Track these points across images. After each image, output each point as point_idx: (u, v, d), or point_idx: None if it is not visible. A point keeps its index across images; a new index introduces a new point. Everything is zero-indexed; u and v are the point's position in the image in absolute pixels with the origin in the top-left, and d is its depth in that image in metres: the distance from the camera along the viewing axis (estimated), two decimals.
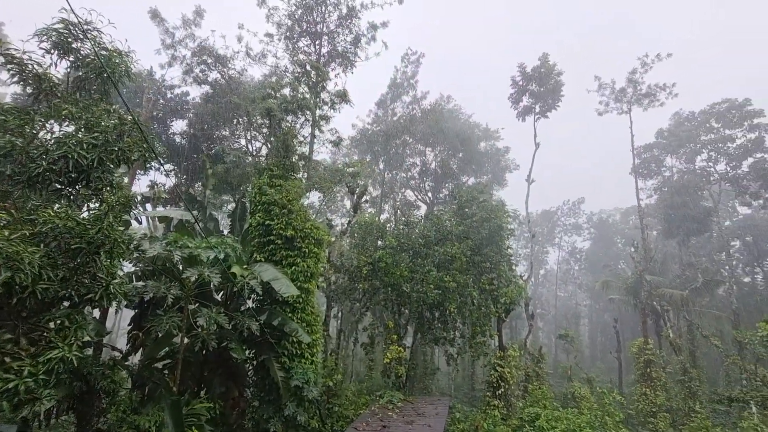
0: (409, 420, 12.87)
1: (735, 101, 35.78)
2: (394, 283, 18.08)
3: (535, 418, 15.03)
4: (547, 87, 27.64)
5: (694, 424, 21.47)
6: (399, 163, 39.59)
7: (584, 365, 42.44)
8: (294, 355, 14.41)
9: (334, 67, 25.94)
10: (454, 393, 32.54)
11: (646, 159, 40.04)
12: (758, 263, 49.85)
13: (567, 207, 68.99)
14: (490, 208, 19.36)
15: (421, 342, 20.45)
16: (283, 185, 15.22)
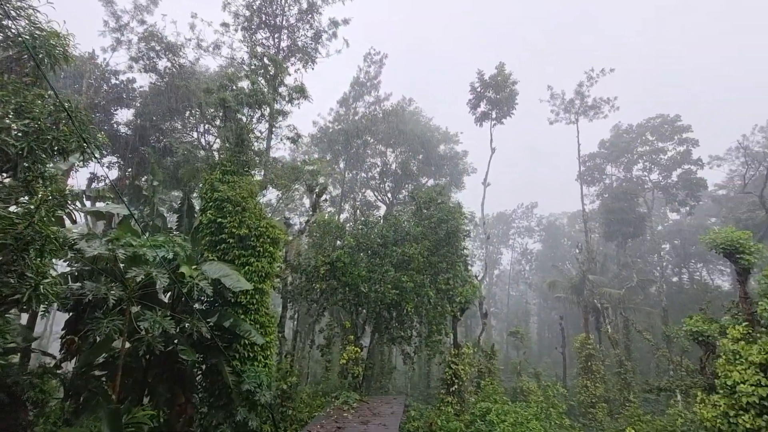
0: (365, 420, 12.87)
1: (668, 116, 39.29)
2: (352, 283, 18.02)
3: (486, 413, 15.60)
4: (503, 95, 28.87)
5: (627, 412, 23.25)
6: (360, 163, 39.59)
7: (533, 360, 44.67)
8: (246, 358, 13.96)
9: (294, 62, 25.41)
10: (410, 391, 32.98)
11: (590, 167, 42.94)
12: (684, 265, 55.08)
13: (521, 210, 72.35)
14: (447, 210, 19.84)
15: (379, 342, 20.54)
16: (236, 181, 14.68)
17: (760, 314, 14.54)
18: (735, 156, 44.40)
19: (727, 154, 45.48)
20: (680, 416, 18.75)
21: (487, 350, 24.84)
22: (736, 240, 15.53)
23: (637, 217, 38.27)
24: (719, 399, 14.88)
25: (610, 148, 42.12)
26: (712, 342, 16.40)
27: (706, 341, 17.08)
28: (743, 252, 15.34)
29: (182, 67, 25.12)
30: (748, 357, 14.03)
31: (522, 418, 14.40)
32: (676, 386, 20.25)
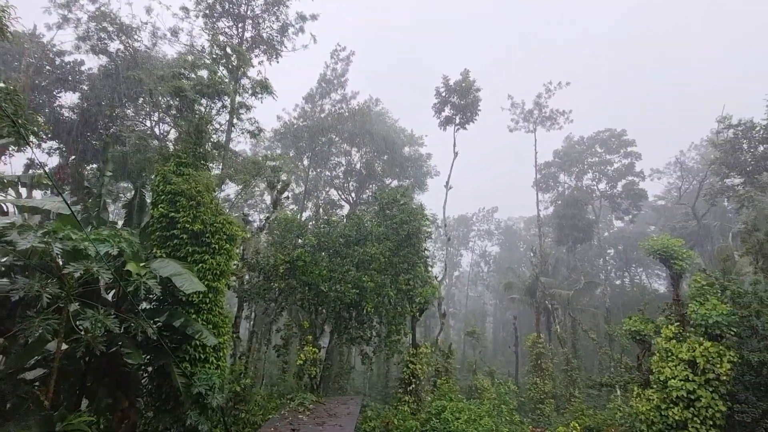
0: (321, 421, 12.72)
1: (615, 131, 42.12)
2: (313, 283, 17.75)
3: (442, 411, 15.94)
4: (467, 101, 29.64)
5: (572, 407, 24.65)
6: (324, 161, 39.15)
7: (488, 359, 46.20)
8: (197, 359, 13.36)
9: (258, 54, 24.70)
10: (368, 392, 33.01)
11: (545, 175, 45.11)
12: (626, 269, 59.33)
13: (482, 214, 74.62)
14: (410, 211, 20.06)
15: (338, 342, 20.39)
16: (192, 174, 14.02)
17: (689, 315, 15.91)
18: (673, 170, 48.50)
19: (666, 168, 49.59)
20: (619, 410, 19.99)
21: (445, 350, 25.37)
22: (670, 247, 16.91)
23: (586, 224, 40.71)
24: (653, 393, 16.12)
25: (563, 158, 44.52)
26: (648, 341, 17.74)
27: (642, 340, 18.44)
28: (676, 258, 16.72)
29: (136, 51, 23.61)
30: (679, 354, 15.31)
31: (475, 415, 14.86)
32: (616, 382, 21.69)
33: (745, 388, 14.67)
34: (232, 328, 17.53)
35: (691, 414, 14.56)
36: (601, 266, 53.98)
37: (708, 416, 14.28)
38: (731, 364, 14.45)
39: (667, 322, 16.97)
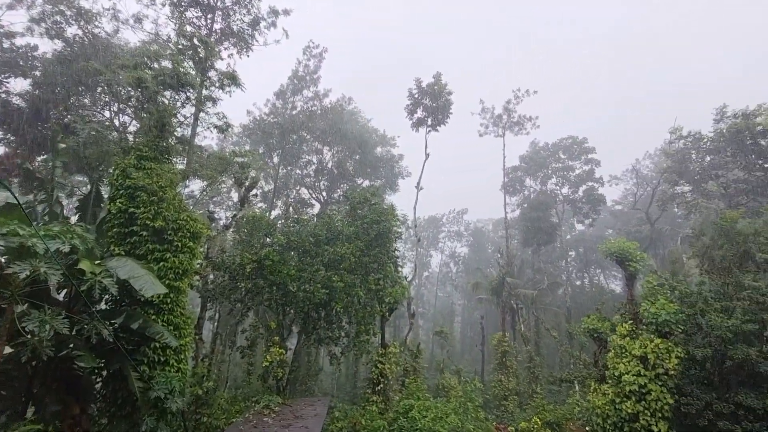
0: (286, 424, 12.50)
1: (577, 138, 44.05)
2: (280, 283, 17.42)
3: (409, 410, 16.07)
4: (439, 103, 30.10)
5: (534, 403, 25.51)
6: (295, 158, 38.55)
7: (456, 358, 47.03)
8: (157, 362, 12.82)
9: (228, 47, 23.98)
10: (336, 392, 32.78)
11: (512, 178, 46.52)
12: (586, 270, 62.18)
13: (452, 215, 75.88)
14: (380, 211, 20.11)
15: (305, 343, 20.12)
16: (154, 169, 13.42)
17: (642, 314, 16.86)
18: (629, 177, 51.33)
19: (623, 174, 52.39)
20: (577, 405, 20.84)
21: (414, 349, 25.60)
22: (625, 249, 17.87)
23: (549, 226, 42.32)
24: (608, 388, 16.96)
25: (529, 163, 46.12)
26: (604, 338, 18.64)
27: (599, 338, 19.37)
28: (631, 260, 17.69)
29: (96, 37, 22.30)
30: (632, 351, 16.18)
31: (441, 413, 15.09)
32: (574, 378, 22.66)
33: (691, 381, 15.72)
34: (195, 329, 16.91)
35: (642, 407, 15.44)
36: (563, 267, 56.31)
37: (657, 409, 15.20)
38: (678, 359, 15.45)
39: (621, 320, 17.92)
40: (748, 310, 15.24)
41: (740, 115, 28.37)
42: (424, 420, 14.83)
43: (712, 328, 15.22)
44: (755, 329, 14.42)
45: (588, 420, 18.01)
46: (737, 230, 18.90)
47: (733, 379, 15.15)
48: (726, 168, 29.82)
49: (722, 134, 28.82)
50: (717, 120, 29.79)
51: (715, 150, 29.58)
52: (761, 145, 27.86)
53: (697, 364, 15.72)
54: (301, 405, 14.90)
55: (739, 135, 27.67)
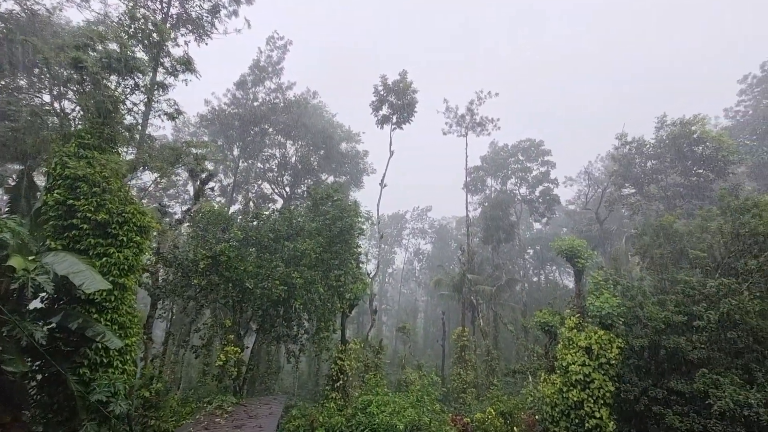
0: (239, 424, 12.15)
1: (534, 140, 45.89)
2: (237, 279, 16.87)
3: (368, 405, 16.12)
4: (404, 101, 30.29)
5: (490, 394, 26.42)
6: (257, 152, 37.40)
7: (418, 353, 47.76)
8: (99, 364, 12.07)
9: (185, 33, 22.84)
10: (297, 391, 32.34)
11: (474, 178, 47.74)
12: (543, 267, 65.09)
13: (416, 213, 76.71)
14: (343, 207, 19.97)
15: (263, 341, 19.65)
16: (97, 158, 12.55)
17: (588, 307, 17.88)
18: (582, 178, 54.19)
19: (577, 176, 55.23)
20: (530, 395, 21.81)
21: (375, 345, 25.70)
22: (575, 247, 18.86)
23: (509, 225, 43.87)
24: (556, 378, 17.87)
25: (490, 163, 47.53)
26: (554, 331, 19.61)
27: (550, 330, 20.34)
28: (579, 257, 18.70)
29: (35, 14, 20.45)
30: (578, 342, 17.13)
31: (399, 407, 15.27)
32: (527, 369, 23.68)
33: (630, 370, 16.87)
34: (144, 328, 16.04)
35: (586, 395, 16.41)
36: (521, 264, 58.60)
37: (600, 396, 16.22)
38: (619, 349, 16.55)
39: (570, 314, 18.95)
40: (680, 303, 16.55)
41: (678, 123, 30.72)
42: (382, 415, 14.94)
43: (649, 320, 16.41)
44: (685, 320, 15.67)
45: (539, 409, 18.91)
46: (674, 231, 20.47)
47: (667, 366, 16.42)
48: (665, 172, 32.22)
49: (662, 141, 31.10)
50: (658, 127, 32.11)
51: (656, 155, 31.88)
52: (696, 152, 30.35)
53: (636, 354, 16.89)
54: (256, 404, 14.53)
55: (677, 142, 29.97)
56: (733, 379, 13.95)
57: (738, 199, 18.04)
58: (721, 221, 17.63)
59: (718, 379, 13.99)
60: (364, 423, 15.29)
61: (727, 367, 14.65)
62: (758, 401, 12.99)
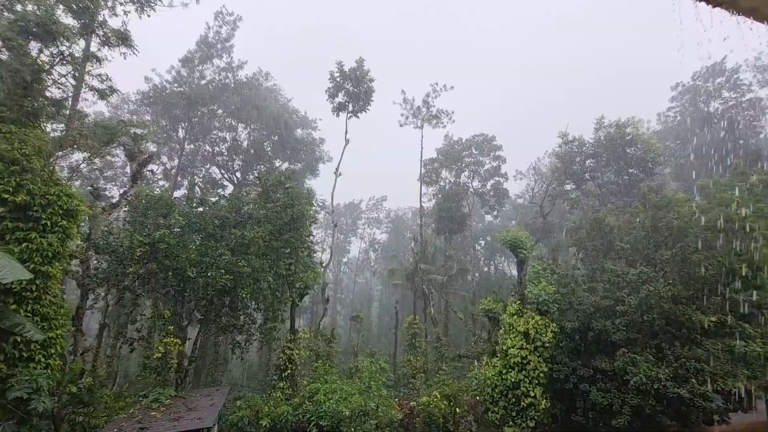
0: (177, 417, 11.71)
1: (487, 136, 47.52)
2: (178, 268, 16.06)
3: (315, 393, 16.18)
4: (361, 89, 30.01)
5: (437, 378, 27.48)
6: (204, 134, 35.48)
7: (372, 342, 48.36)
8: (17, 358, 11.13)
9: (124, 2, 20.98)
10: (246, 382, 31.70)
11: (429, 169, 48.63)
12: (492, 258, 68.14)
13: (372, 202, 76.91)
14: (295, 195, 19.55)
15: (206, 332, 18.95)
16: (16, 133, 11.34)
17: (528, 295, 19.06)
18: (531, 174, 57.08)
19: (526, 171, 58.08)
20: (475, 378, 22.95)
21: (328, 334, 25.73)
22: (518, 238, 19.93)
23: (461, 216, 45.31)
24: (497, 361, 18.95)
25: (445, 155, 48.62)
26: (497, 317, 20.74)
27: (493, 317, 21.47)
28: (521, 247, 19.79)
29: None
30: (517, 327, 18.23)
31: (346, 394, 15.47)
32: (472, 354, 24.88)
33: (562, 351, 18.27)
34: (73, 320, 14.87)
35: (523, 376, 17.59)
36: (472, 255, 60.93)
37: (534, 376, 17.44)
38: (553, 333, 17.85)
39: (512, 301, 20.11)
40: (607, 290, 18.11)
41: (614, 125, 33.20)
42: (329, 402, 15.06)
43: (580, 305, 17.83)
44: (611, 305, 17.18)
45: (481, 390, 19.99)
46: (606, 225, 22.24)
47: (594, 347, 17.97)
48: (602, 171, 34.80)
49: (600, 141, 33.49)
50: (597, 128, 34.52)
51: (594, 155, 34.30)
52: (628, 153, 33.03)
53: (567, 337, 18.31)
54: (196, 397, 14.06)
55: (612, 143, 32.41)
56: (647, 357, 15.57)
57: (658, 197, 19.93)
58: (644, 216, 19.41)
59: (635, 358, 15.54)
60: (311, 411, 15.34)
61: (643, 347, 16.30)
62: (666, 375, 14.63)
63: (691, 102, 47.02)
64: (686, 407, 14.49)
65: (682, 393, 14.15)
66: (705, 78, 45.00)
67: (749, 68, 42.23)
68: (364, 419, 15.35)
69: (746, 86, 43.30)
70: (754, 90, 43.27)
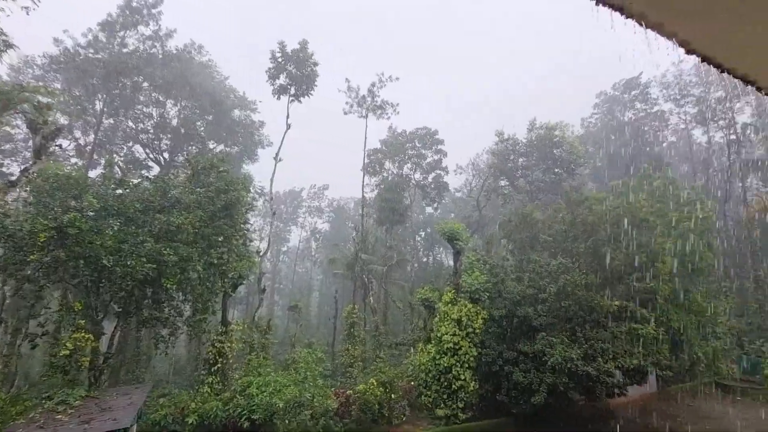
0: (87, 419, 10.60)
1: (430, 129, 48.67)
2: (91, 256, 14.38)
3: (247, 386, 15.60)
4: (304, 72, 28.96)
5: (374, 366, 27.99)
6: (127, 109, 32.02)
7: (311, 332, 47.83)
8: None
9: None
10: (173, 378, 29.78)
11: (373, 160, 48.75)
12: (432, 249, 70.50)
13: (313, 191, 75.37)
14: (229, 180, 18.41)
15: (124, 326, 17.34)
16: None
17: (462, 284, 19.98)
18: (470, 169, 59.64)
19: (466, 166, 60.57)
20: (411, 364, 23.70)
21: (263, 326, 24.92)
22: (454, 230, 20.77)
23: (402, 208, 46.14)
24: (431, 348, 19.73)
25: (389, 147, 49.02)
26: (433, 306, 21.55)
27: (430, 305, 22.26)
28: (457, 239, 20.67)
29: None
30: (451, 315, 19.07)
31: (280, 386, 15.13)
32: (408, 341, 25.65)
33: (490, 336, 19.51)
34: None
35: (455, 360, 18.52)
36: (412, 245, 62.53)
37: (465, 360, 18.44)
38: (483, 320, 18.97)
39: (448, 290, 21.00)
40: (531, 279, 19.58)
41: (545, 127, 35.77)
42: (262, 395, 14.62)
43: (508, 294, 19.10)
44: (534, 293, 18.62)
45: (416, 376, 20.73)
46: (532, 219, 23.97)
47: (518, 332, 19.41)
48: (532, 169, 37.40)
49: (532, 141, 35.90)
50: (529, 129, 36.94)
51: (526, 154, 36.73)
52: (555, 154, 35.82)
53: (496, 323, 19.57)
54: (112, 396, 12.84)
55: (542, 143, 34.90)
56: (563, 339, 17.16)
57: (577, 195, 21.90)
58: (565, 213, 21.22)
59: (552, 340, 17.06)
60: (242, 405, 14.78)
61: (560, 330, 17.95)
62: (578, 356, 16.26)
63: (609, 111, 52.14)
64: (593, 383, 16.26)
65: (590, 371, 15.85)
66: (623, 90, 50.11)
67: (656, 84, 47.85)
68: (299, 410, 15.15)
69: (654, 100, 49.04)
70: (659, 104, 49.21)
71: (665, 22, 1.60)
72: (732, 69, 1.82)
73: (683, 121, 48.91)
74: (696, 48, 1.73)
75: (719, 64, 1.81)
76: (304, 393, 15.22)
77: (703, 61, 1.79)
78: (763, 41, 1.62)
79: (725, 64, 1.81)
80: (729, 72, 1.86)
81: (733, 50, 1.75)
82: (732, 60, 1.78)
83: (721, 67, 1.83)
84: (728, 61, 1.79)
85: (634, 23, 1.65)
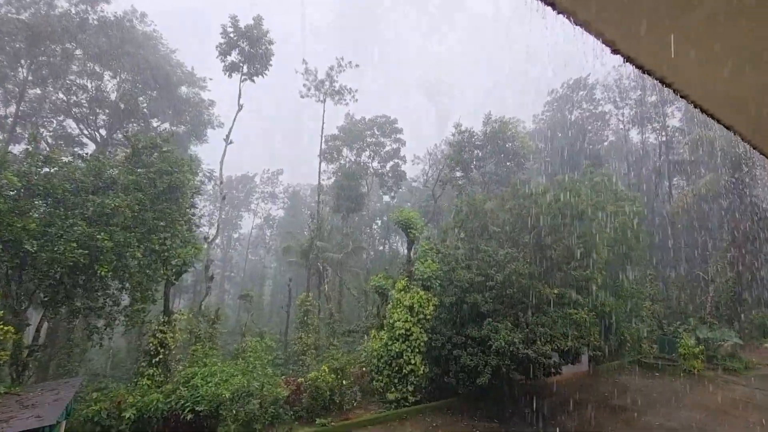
0: (6, 417, 9.66)
1: (389, 118, 48.64)
2: (12, 240, 12.96)
3: (192, 377, 15.00)
4: (258, 51, 27.59)
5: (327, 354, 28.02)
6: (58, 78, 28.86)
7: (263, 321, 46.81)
8: None
9: None
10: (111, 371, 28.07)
11: (330, 146, 47.99)
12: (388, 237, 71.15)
13: (267, 176, 72.89)
14: (173, 161, 17.25)
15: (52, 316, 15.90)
16: None
17: (415, 272, 20.38)
18: (427, 159, 60.52)
19: (424, 156, 61.38)
20: (364, 351, 23.95)
21: (211, 315, 23.99)
22: (409, 219, 21.07)
23: (359, 196, 45.99)
24: (384, 334, 20.06)
25: (347, 134, 48.43)
26: (386, 293, 21.84)
27: (383, 293, 22.53)
28: (412, 227, 21.00)
29: None
30: (404, 302, 19.46)
31: (227, 376, 14.70)
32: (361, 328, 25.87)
33: (441, 322, 20.13)
34: None
35: (406, 346, 18.98)
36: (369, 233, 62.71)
37: (416, 346, 18.95)
38: (434, 306, 19.54)
39: (401, 278, 21.35)
40: (480, 267, 20.37)
41: (499, 121, 37.00)
42: (207, 386, 14.12)
43: (458, 281, 19.77)
44: (482, 281, 19.42)
45: (368, 362, 21.01)
46: (482, 209, 24.83)
47: (467, 318, 20.21)
48: (486, 161, 38.68)
49: (486, 135, 37.06)
50: (485, 123, 38.05)
51: (481, 146, 37.88)
52: (507, 148, 37.25)
53: (446, 309, 20.23)
54: (36, 392, 11.77)
55: (496, 137, 36.12)
56: (506, 324, 18.10)
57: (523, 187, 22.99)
58: (512, 204, 22.22)
59: (497, 326, 17.94)
60: (186, 397, 14.20)
61: (504, 316, 18.92)
62: (520, 339, 17.25)
63: (559, 109, 54.93)
64: (532, 364, 17.37)
65: (530, 353, 16.91)
66: (572, 89, 52.90)
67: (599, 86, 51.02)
68: (247, 400, 14.82)
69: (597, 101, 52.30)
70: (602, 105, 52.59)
71: (591, 20, 1.64)
72: (651, 71, 1.92)
73: (621, 122, 52.72)
74: (620, 48, 1.79)
75: (641, 65, 1.90)
76: (252, 382, 14.89)
77: (627, 62, 1.87)
78: (677, 44, 1.71)
79: (646, 65, 1.90)
80: (649, 74, 1.95)
81: (652, 52, 1.83)
82: (651, 62, 1.87)
83: (643, 68, 1.92)
84: (648, 62, 1.88)
85: (565, 21, 1.66)
